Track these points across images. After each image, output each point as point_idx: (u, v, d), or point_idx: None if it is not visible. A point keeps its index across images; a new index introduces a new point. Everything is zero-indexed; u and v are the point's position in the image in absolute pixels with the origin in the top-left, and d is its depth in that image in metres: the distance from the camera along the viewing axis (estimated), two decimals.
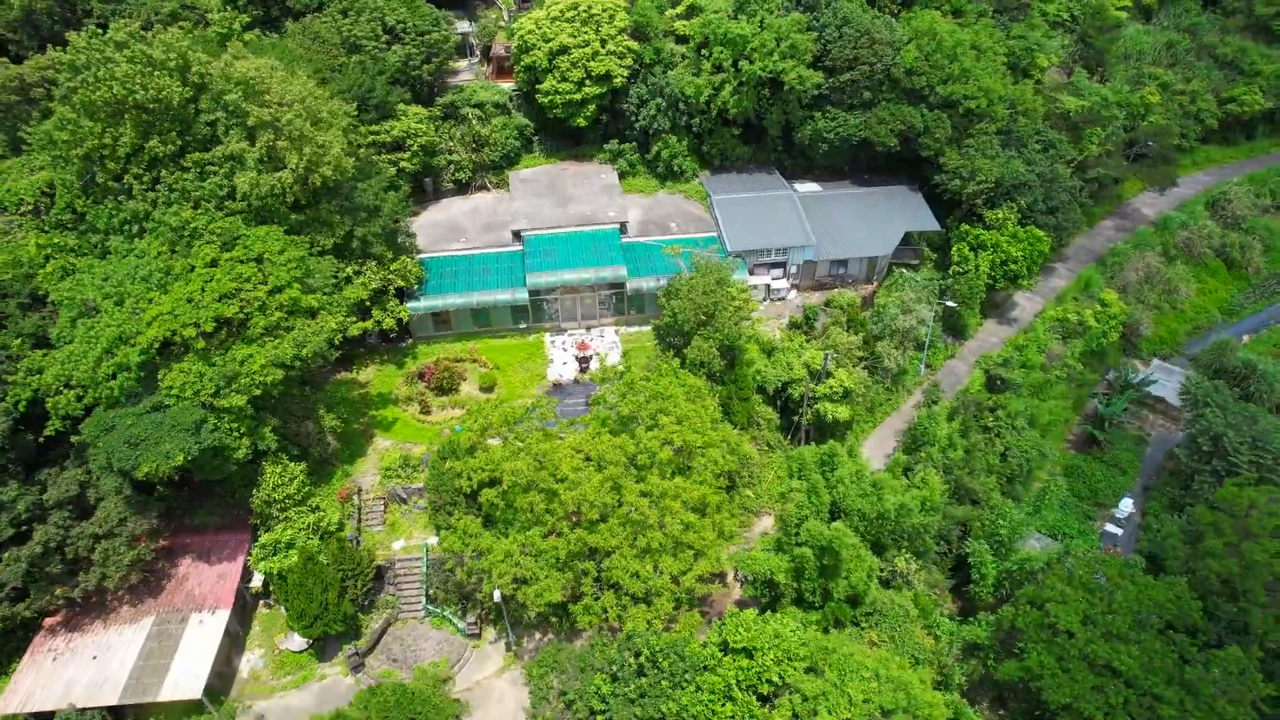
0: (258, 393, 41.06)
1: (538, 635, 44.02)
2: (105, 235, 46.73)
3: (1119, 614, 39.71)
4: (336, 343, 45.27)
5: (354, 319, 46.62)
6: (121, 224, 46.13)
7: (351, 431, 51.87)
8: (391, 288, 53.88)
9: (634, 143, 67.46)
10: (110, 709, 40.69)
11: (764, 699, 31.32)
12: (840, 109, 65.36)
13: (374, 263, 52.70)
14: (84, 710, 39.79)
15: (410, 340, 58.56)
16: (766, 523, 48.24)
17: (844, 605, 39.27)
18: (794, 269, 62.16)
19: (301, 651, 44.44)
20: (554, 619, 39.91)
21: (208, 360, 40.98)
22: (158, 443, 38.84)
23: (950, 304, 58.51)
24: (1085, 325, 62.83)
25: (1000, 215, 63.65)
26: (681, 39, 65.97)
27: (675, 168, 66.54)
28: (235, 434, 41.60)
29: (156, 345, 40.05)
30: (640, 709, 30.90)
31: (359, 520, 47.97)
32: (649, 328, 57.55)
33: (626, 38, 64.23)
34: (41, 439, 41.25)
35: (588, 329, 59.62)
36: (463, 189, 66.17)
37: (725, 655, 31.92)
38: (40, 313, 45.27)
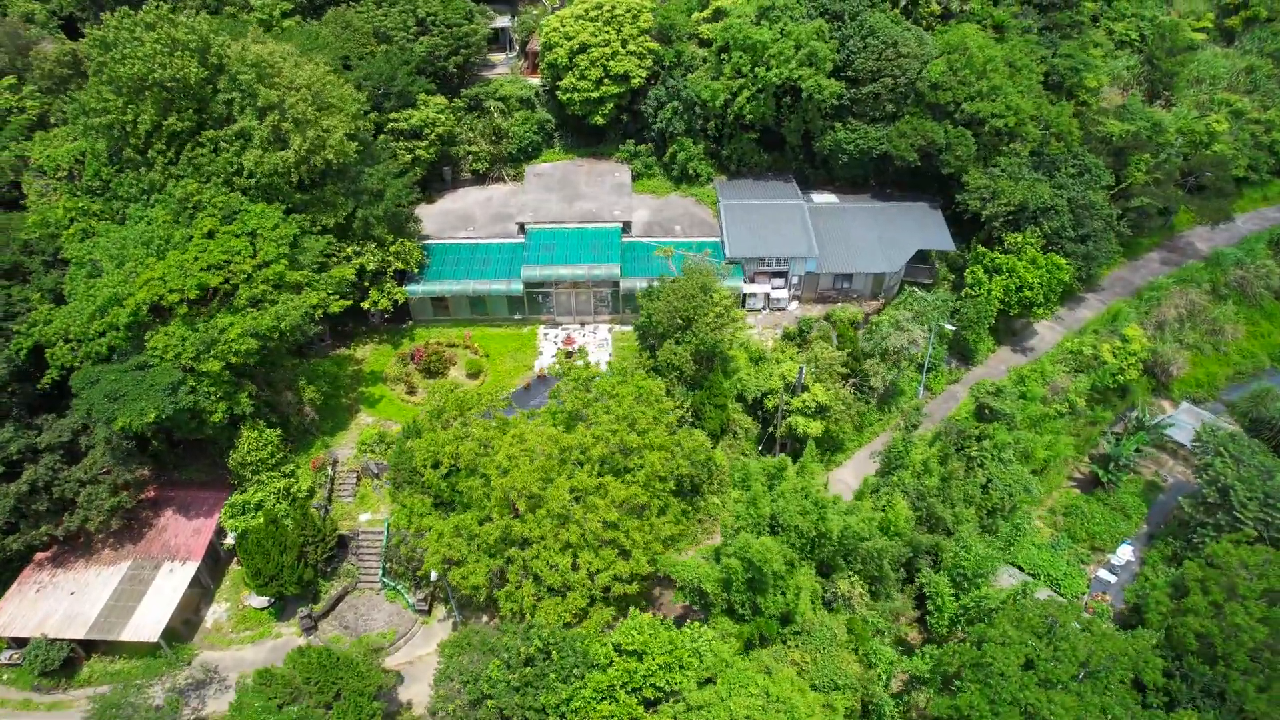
0: (234, 360, 43.34)
1: (485, 617, 45.03)
2: (126, 203, 50.00)
3: (1062, 662, 38.02)
4: (316, 318, 47.26)
5: (336, 297, 48.46)
6: (139, 193, 49.29)
7: (339, 406, 54.01)
8: (390, 270, 55.75)
9: (651, 144, 67.77)
10: (79, 642, 43.70)
11: (649, 704, 31.40)
12: (862, 121, 64.13)
13: (374, 244, 54.67)
14: (54, 640, 42.89)
15: (410, 322, 60.49)
16: None
17: (771, 621, 38.83)
18: (795, 280, 61.36)
19: (262, 609, 46.70)
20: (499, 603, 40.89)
21: (191, 326, 43.48)
22: (135, 399, 41.50)
23: (948, 326, 56.66)
24: (1100, 360, 59.87)
25: (1019, 239, 61.30)
26: (705, 43, 65.87)
27: (690, 171, 66.54)
28: (212, 398, 44.02)
29: (144, 308, 42.72)
30: (522, 697, 31.45)
31: (331, 490, 50.00)
32: None
33: (649, 39, 64.59)
34: (41, 387, 44.56)
35: (582, 325, 60.35)
36: (480, 179, 67.82)
37: (619, 656, 32.11)
38: (61, 271, 48.82)
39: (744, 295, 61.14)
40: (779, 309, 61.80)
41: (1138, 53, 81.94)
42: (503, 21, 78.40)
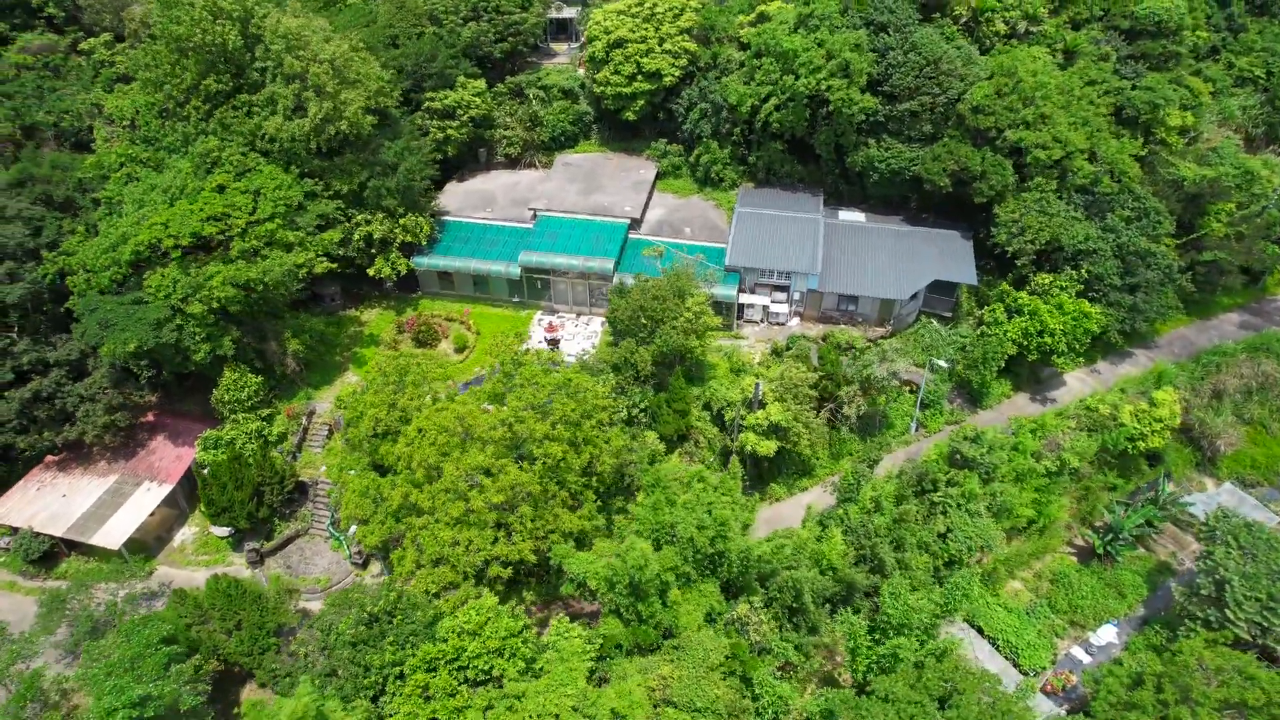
0: (216, 305, 47.00)
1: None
2: (168, 153, 55.05)
3: None
4: (301, 276, 50.35)
5: (324, 259, 51.40)
6: (178, 145, 54.15)
7: (331, 362, 57.37)
8: (397, 240, 58.48)
9: (682, 144, 67.49)
10: (61, 539, 48.83)
11: (474, 683, 31.95)
12: (898, 139, 61.36)
13: (384, 214, 57.53)
14: (38, 534, 48.18)
15: (419, 293, 63.26)
16: None
17: (649, 630, 38.47)
18: (797, 295, 59.60)
19: (223, 538, 50.51)
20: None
21: (185, 270, 47.51)
22: (123, 329, 45.91)
23: (942, 363, 53.45)
24: (1118, 421, 54.77)
25: (1046, 280, 56.99)
26: (745, 46, 64.85)
27: (714, 175, 65.84)
28: (196, 337, 47.96)
29: (144, 248, 47.06)
30: (353, 652, 32.77)
31: (302, 439, 53.29)
32: None
33: (687, 39, 64.30)
34: (63, 309, 49.96)
35: (578, 315, 61.15)
36: (513, 164, 69.74)
37: (455, 635, 32.84)
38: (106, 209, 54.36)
39: (740, 305, 60.02)
40: (777, 323, 60.27)
41: (1262, 91, 74.05)
42: (570, 12, 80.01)
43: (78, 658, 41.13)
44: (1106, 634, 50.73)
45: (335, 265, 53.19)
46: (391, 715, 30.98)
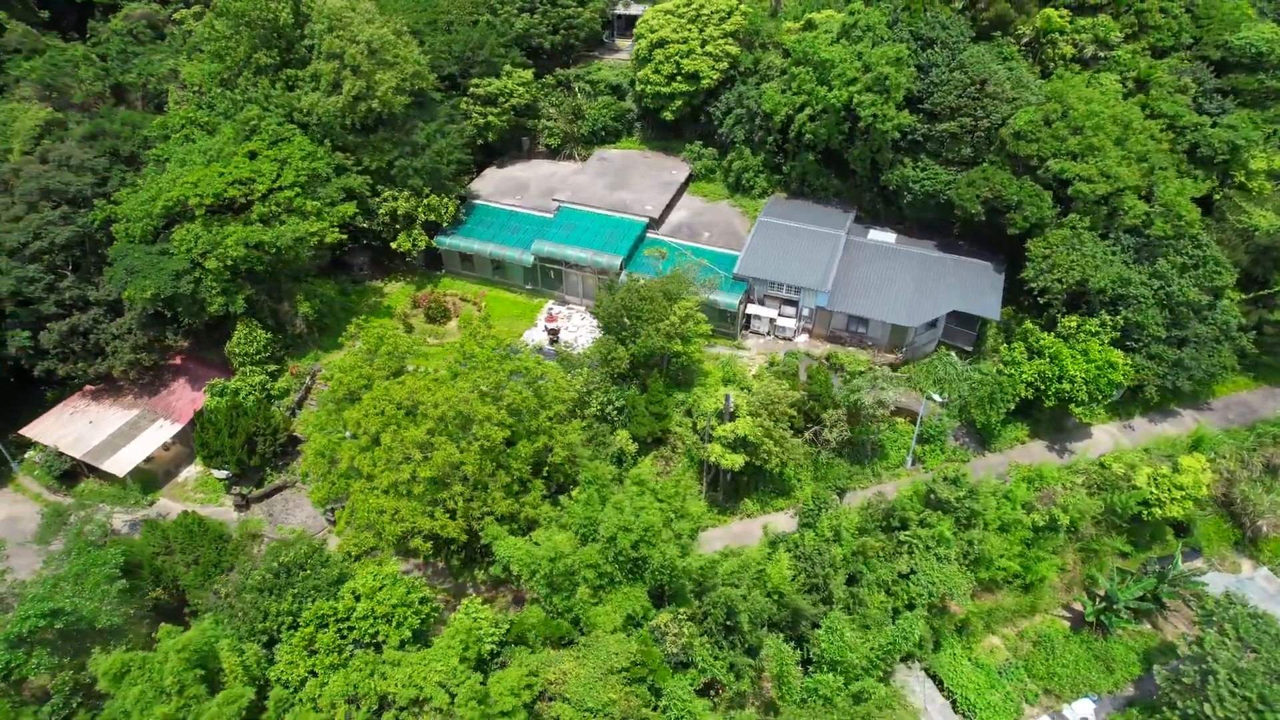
0: (229, 263, 50.34)
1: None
2: (222, 119, 59.25)
3: None
4: (313, 244, 53.11)
5: (335, 230, 54.01)
6: (228, 112, 58.22)
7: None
8: (420, 218, 60.73)
9: (718, 148, 66.86)
10: (82, 461, 53.51)
11: (359, 645, 33.09)
12: (935, 160, 58.69)
13: (409, 192, 59.89)
14: (62, 454, 53.09)
15: (443, 271, 65.51)
16: None
17: (562, 623, 38.71)
18: (806, 311, 58.02)
19: (221, 480, 54.09)
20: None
21: (207, 227, 51.13)
22: (145, 276, 49.91)
23: (937, 398, 50.75)
24: (1131, 482, 50.52)
25: (1073, 323, 53.21)
26: (789, 53, 63.47)
27: (745, 182, 64.88)
28: (212, 291, 51.54)
29: (173, 204, 50.93)
30: (255, 596, 34.58)
31: (304, 397, 56.28)
32: None
33: (731, 42, 63.60)
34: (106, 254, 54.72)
35: (587, 308, 61.69)
36: (553, 154, 70.97)
37: (352, 597, 34.11)
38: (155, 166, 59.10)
39: (748, 316, 59.01)
40: (784, 337, 58.88)
41: None
42: (638, 9, 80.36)
43: None
44: (1082, 708, 47.21)
45: (345, 236, 55.77)
46: (277, 662, 32.59)
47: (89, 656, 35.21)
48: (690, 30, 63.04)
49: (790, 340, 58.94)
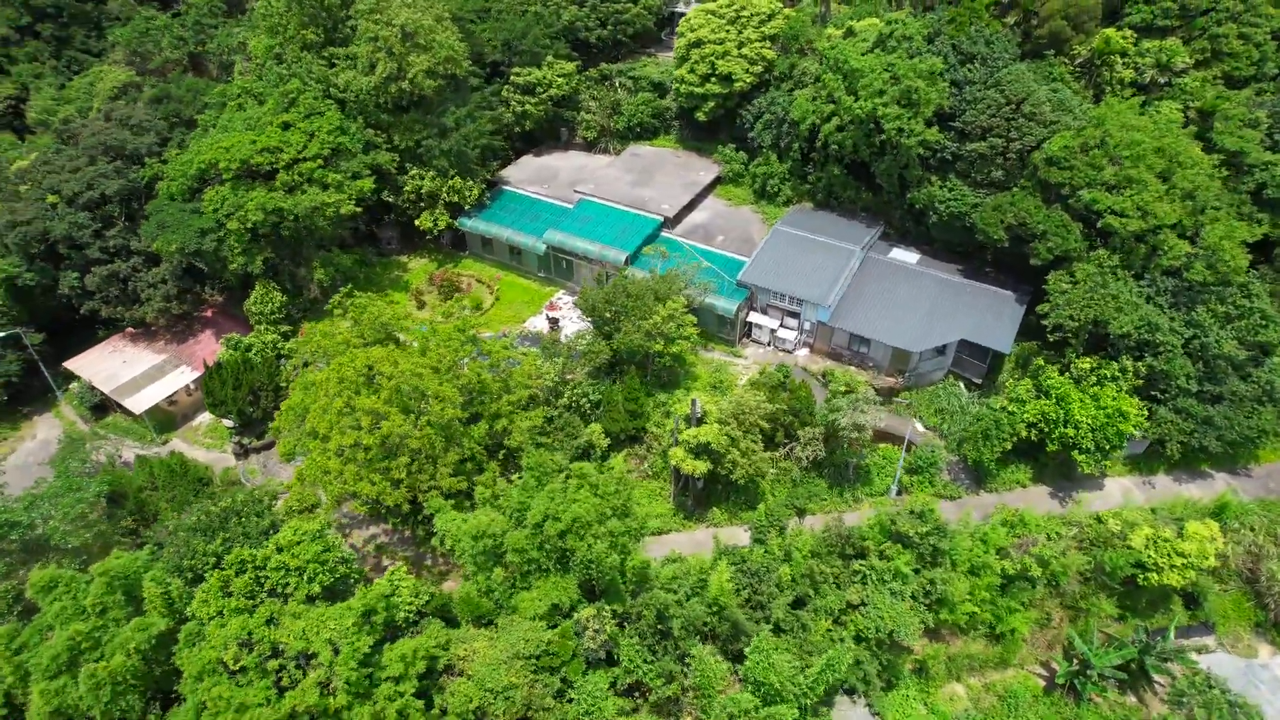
0: (249, 224, 53.40)
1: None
2: (272, 89, 62.84)
3: None
4: (329, 215, 55.59)
5: (352, 203, 56.36)
6: (276, 84, 61.71)
7: (361, 299, 62.71)
8: (443, 199, 62.62)
9: (748, 152, 65.91)
10: (108, 396, 57.97)
11: (272, 593, 34.73)
12: (965, 181, 56.01)
13: (434, 173, 61.87)
14: (92, 388, 57.76)
15: (466, 253, 67.39)
16: None
17: (484, 601, 39.41)
18: (807, 325, 56.51)
19: (229, 429, 57.56)
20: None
21: (234, 190, 54.44)
22: (173, 231, 53.66)
23: (920, 425, 48.43)
24: (1126, 543, 46.82)
25: (1087, 365, 49.76)
26: (824, 60, 61.79)
27: (770, 188, 63.72)
28: (234, 251, 54.88)
29: (206, 166, 54.44)
30: (188, 535, 36.76)
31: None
32: None
33: (768, 46, 62.56)
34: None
35: None
36: (589, 147, 71.69)
37: (275, 550, 35.74)
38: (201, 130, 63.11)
39: (750, 324, 58.03)
40: (784, 349, 57.57)
41: None
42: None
43: None
44: None
45: (360, 209, 58.00)
46: (193, 599, 34.63)
47: None
48: (728, 31, 62.36)
49: (790, 353, 57.58)
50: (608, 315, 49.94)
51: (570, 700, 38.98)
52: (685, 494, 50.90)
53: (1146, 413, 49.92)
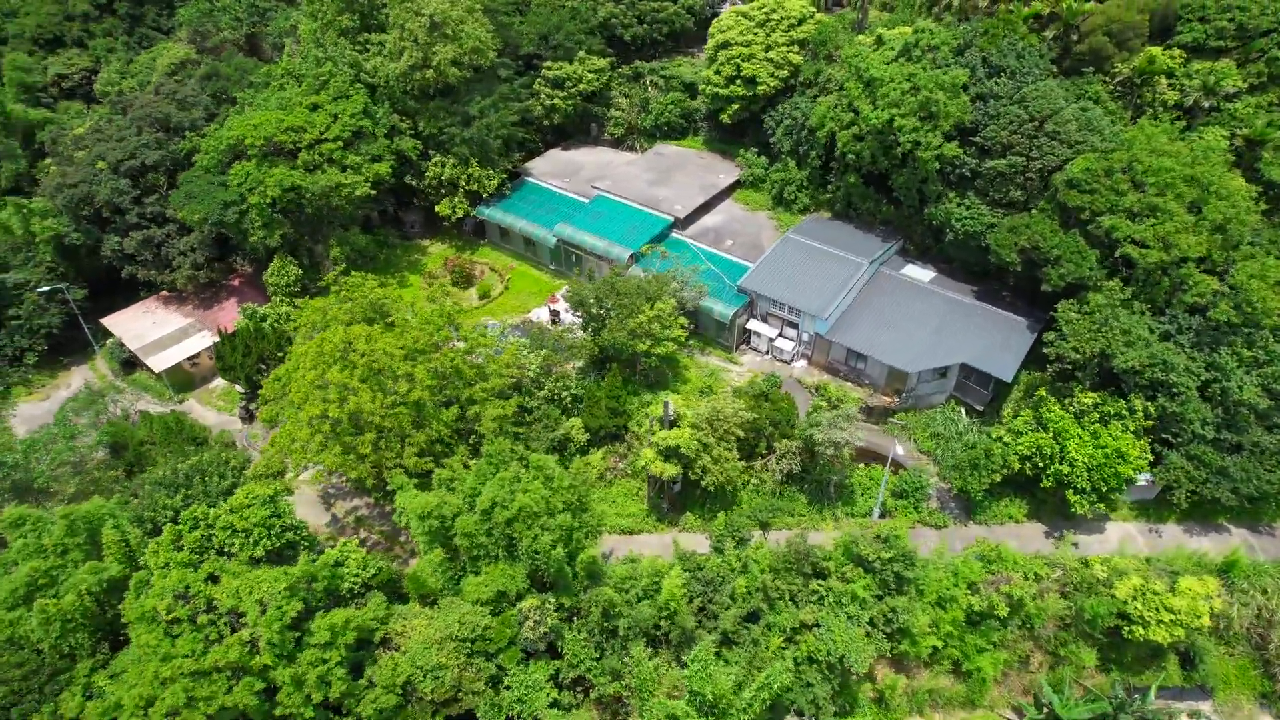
0: (268, 199, 55.69)
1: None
2: (311, 71, 65.36)
3: None
4: (343, 195, 57.40)
5: (367, 185, 58.04)
6: (311, 66, 64.13)
7: (355, 278, 64.46)
8: (462, 187, 63.90)
9: (770, 158, 64.95)
10: (134, 354, 61.38)
11: (219, 551, 36.32)
12: (983, 199, 53.89)
13: (455, 160, 63.20)
14: (122, 345, 61.34)
15: (485, 241, 68.63)
16: None
17: (429, 580, 40.21)
18: (805, 337, 55.34)
19: (240, 393, 60.21)
20: None
21: (258, 166, 56.90)
22: (199, 201, 56.48)
23: (898, 449, 46.75)
24: (1110, 592, 44.15)
25: (1089, 400, 47.18)
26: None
27: (786, 195, 62.64)
28: (255, 223, 57.38)
29: (234, 142, 57.04)
30: (152, 488, 38.63)
31: None
32: None
33: (795, 50, 61.47)
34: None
35: None
36: (617, 144, 71.92)
37: (226, 510, 37.36)
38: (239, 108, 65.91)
39: (749, 332, 57.24)
40: (781, 360, 56.52)
41: None
42: None
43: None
44: None
45: (374, 191, 59.61)
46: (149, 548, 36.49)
47: None
48: (756, 34, 61.52)
49: (788, 364, 56.51)
50: (595, 311, 50.05)
51: (507, 688, 39.32)
52: (661, 496, 50.63)
53: (1151, 456, 47.03)
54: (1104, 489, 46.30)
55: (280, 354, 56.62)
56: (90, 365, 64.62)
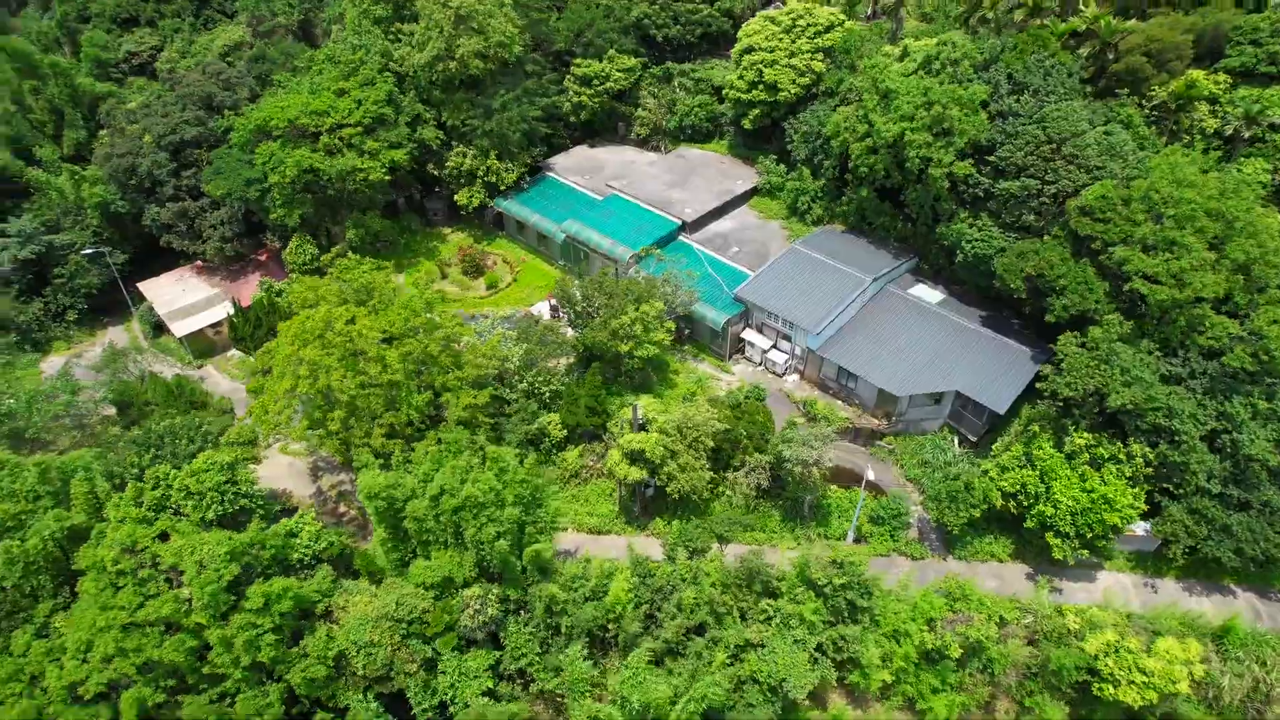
0: (287, 179, 57.89)
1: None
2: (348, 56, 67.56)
3: None
4: (358, 180, 59.13)
5: (382, 171, 59.58)
6: (348, 52, 66.28)
7: (350, 259, 66.01)
8: (480, 178, 64.99)
9: (789, 165, 63.76)
10: (162, 318, 64.73)
11: (175, 511, 38.13)
12: (995, 221, 51.68)
13: (475, 152, 64.33)
14: (152, 310, 64.78)
15: (503, 233, 69.68)
16: None
17: (375, 559, 41.17)
18: (798, 350, 54.12)
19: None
20: None
21: (282, 146, 59.18)
22: (225, 177, 59.14)
23: (869, 474, 45.12)
24: (1080, 645, 41.61)
25: (1081, 441, 44.69)
26: None
27: (800, 205, 61.39)
28: (275, 201, 59.74)
29: (262, 122, 59.44)
30: (125, 445, 40.69)
31: None
32: None
33: (819, 58, 60.15)
34: None
35: None
36: (643, 144, 71.86)
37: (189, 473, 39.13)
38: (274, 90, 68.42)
39: (743, 341, 56.39)
40: (774, 371, 55.47)
41: None
42: None
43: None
44: None
45: (389, 176, 61.06)
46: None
47: None
48: (781, 40, 60.45)
49: (780, 376, 55.42)
50: (579, 309, 50.16)
51: (442, 672, 39.90)
52: (634, 499, 50.40)
53: (1145, 506, 44.20)
54: (1088, 535, 43.76)
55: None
56: (126, 327, 68.41)
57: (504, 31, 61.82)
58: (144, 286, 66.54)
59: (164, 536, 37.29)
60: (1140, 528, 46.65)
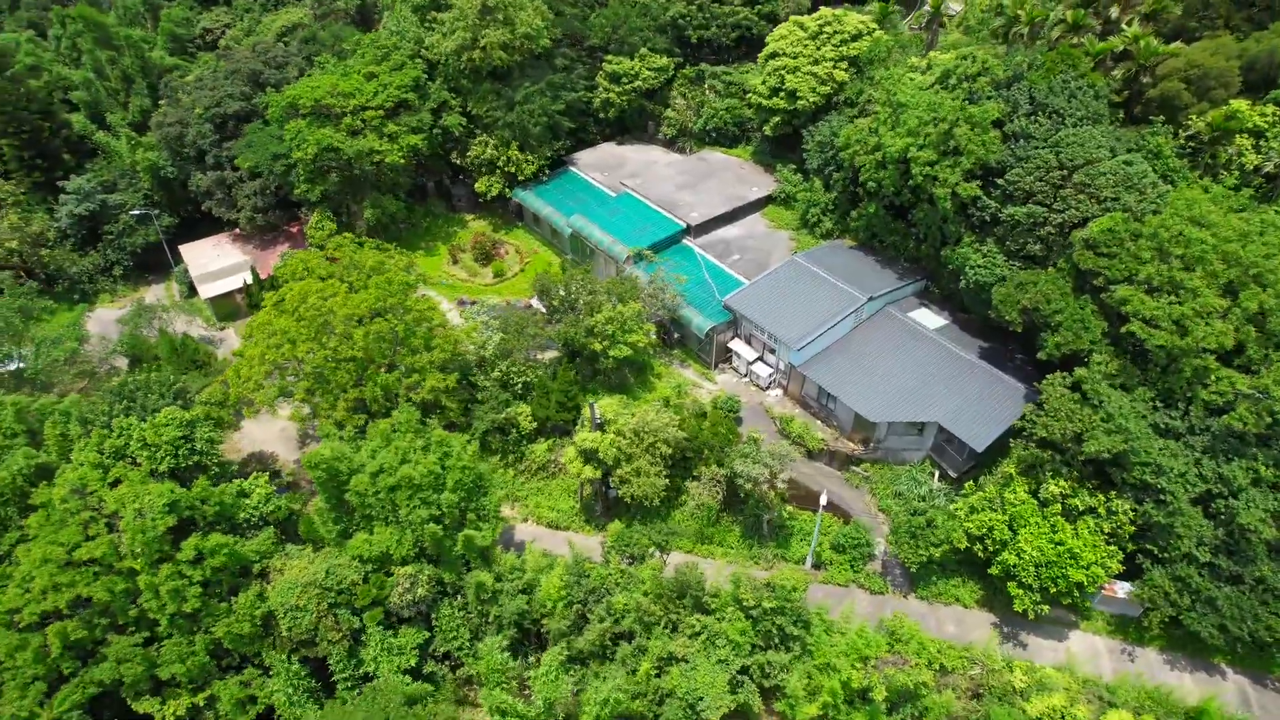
0: (309, 156, 60.17)
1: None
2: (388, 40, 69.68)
3: None
4: (374, 161, 60.87)
5: (399, 154, 61.08)
6: (387, 37, 68.37)
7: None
8: (500, 168, 65.91)
9: (805, 175, 62.04)
10: (193, 280, 68.36)
11: (132, 461, 40.14)
12: (1001, 248, 48.95)
13: (496, 141, 65.30)
14: (186, 272, 68.56)
15: (521, 223, 70.48)
16: None
17: (320, 529, 42.43)
18: (782, 365, 52.61)
19: None
20: None
21: (308, 124, 61.56)
22: (253, 151, 61.95)
23: (822, 500, 43.29)
24: (1022, 707, 38.83)
25: (1056, 489, 41.85)
26: None
27: (810, 217, 59.64)
28: (299, 176, 62.24)
29: (293, 100, 61.94)
30: (100, 395, 43.03)
31: None
32: None
33: (843, 67, 58.24)
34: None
35: None
36: (670, 144, 71.32)
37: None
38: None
39: (729, 350, 55.24)
40: (757, 384, 54.10)
41: None
42: None
43: None
44: None
45: (404, 160, 62.49)
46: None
47: None
48: (806, 46, 58.84)
49: (763, 390, 54.01)
50: (556, 304, 50.22)
51: (365, 645, 40.74)
52: (595, 499, 50.19)
53: (1120, 567, 41.02)
54: (1052, 590, 40.90)
55: None
56: (166, 286, 72.59)
57: (531, 24, 62.41)
58: (184, 249, 70.34)
59: (117, 484, 39.40)
60: (1122, 589, 43.31)
